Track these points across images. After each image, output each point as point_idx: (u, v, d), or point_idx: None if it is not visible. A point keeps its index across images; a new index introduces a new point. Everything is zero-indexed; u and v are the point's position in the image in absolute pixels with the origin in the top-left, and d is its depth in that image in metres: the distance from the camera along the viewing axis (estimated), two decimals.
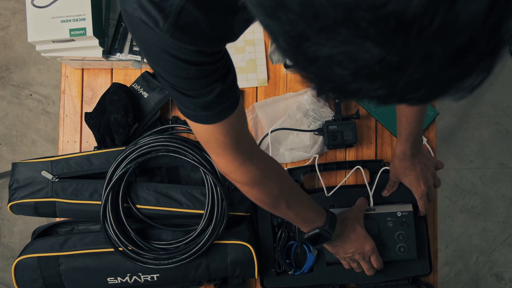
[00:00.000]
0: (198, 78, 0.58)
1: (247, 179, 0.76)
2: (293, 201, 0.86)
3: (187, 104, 0.62)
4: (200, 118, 0.64)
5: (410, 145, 0.94)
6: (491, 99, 2.12)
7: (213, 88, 0.60)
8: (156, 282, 0.98)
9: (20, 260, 0.97)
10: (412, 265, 1.07)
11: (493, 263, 2.06)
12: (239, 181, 0.77)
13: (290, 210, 0.86)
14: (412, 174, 0.98)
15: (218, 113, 0.64)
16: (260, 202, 0.82)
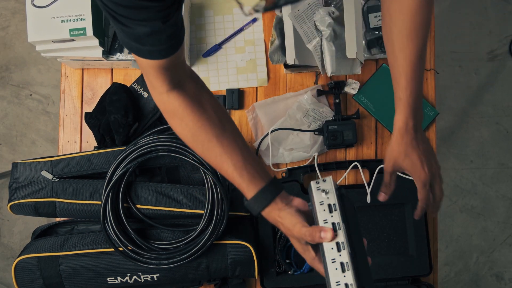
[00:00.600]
0: (135, 8, 0.62)
1: (168, 108, 0.78)
2: (217, 149, 0.76)
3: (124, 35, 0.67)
4: (133, 49, 0.69)
5: (412, 112, 0.81)
6: (491, 99, 2.12)
7: (150, 25, 0.64)
8: (156, 282, 0.98)
9: (20, 260, 0.97)
10: (412, 265, 1.07)
11: (493, 263, 2.06)
12: (161, 109, 0.79)
13: (211, 159, 0.78)
14: (414, 154, 0.83)
15: (151, 51, 0.68)
16: (180, 136, 0.80)
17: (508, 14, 2.15)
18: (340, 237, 0.69)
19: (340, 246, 0.69)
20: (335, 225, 0.70)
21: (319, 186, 0.73)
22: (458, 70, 2.12)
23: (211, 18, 1.16)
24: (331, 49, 1.04)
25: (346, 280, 0.67)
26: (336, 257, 0.68)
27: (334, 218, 0.71)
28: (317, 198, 0.72)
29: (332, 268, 0.68)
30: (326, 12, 1.05)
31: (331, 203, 0.72)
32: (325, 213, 0.71)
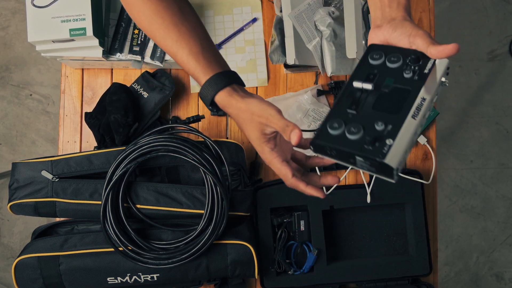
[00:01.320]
0: None
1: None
2: (174, 35, 0.73)
3: None
4: None
5: (397, 8, 0.66)
6: (491, 99, 2.12)
7: None
8: (156, 282, 0.98)
9: (20, 260, 0.97)
10: (412, 265, 1.07)
11: (493, 263, 2.06)
12: (122, 2, 0.76)
13: (168, 46, 0.74)
14: (407, 23, 0.65)
15: None
16: (138, 25, 0.77)
17: (508, 14, 2.15)
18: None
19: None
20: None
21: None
22: (458, 70, 2.12)
23: (211, 18, 1.16)
24: (331, 49, 1.04)
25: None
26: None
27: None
28: None
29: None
30: (326, 12, 1.05)
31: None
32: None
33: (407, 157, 0.57)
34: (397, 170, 0.53)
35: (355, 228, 1.11)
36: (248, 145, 1.13)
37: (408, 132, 0.55)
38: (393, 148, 0.53)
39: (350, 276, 1.07)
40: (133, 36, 1.07)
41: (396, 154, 0.53)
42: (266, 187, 1.07)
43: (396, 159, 0.53)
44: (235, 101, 0.71)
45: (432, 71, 0.62)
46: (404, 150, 0.54)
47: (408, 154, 0.57)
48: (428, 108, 0.59)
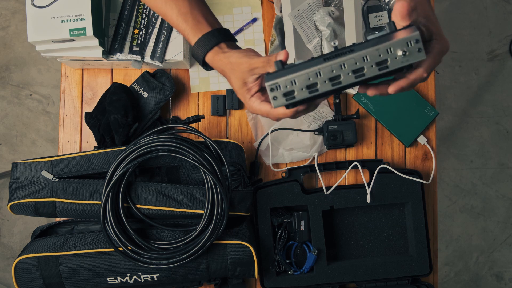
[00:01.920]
0: None
1: None
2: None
3: None
4: None
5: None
6: (491, 99, 2.12)
7: None
8: (156, 282, 0.98)
9: (20, 260, 0.97)
10: (412, 265, 1.07)
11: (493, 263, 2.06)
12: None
13: (157, 7, 0.77)
14: (426, 4, 0.67)
15: None
16: None
17: (508, 14, 2.15)
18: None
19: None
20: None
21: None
22: (458, 70, 2.12)
23: None
24: (331, 49, 1.04)
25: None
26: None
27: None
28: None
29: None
30: (326, 12, 1.05)
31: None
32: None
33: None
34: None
35: (355, 228, 1.11)
36: (248, 145, 1.13)
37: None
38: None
39: (350, 276, 1.07)
40: (133, 36, 1.07)
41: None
42: (266, 187, 1.07)
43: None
44: (218, 58, 0.73)
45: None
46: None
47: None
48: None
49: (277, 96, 0.62)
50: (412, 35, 0.58)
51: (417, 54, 0.59)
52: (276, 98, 0.63)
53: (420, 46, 0.58)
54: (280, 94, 0.62)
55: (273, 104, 0.63)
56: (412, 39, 0.58)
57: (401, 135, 1.12)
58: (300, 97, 0.62)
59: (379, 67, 0.60)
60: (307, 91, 0.62)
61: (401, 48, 0.58)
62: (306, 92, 0.62)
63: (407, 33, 0.59)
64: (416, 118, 1.12)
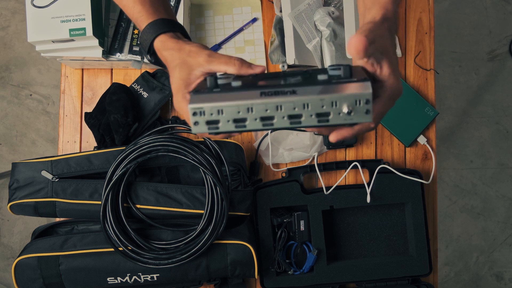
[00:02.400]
0: None
1: None
2: None
3: None
4: None
5: (390, 18, 0.62)
6: (491, 99, 2.12)
7: None
8: (156, 282, 0.98)
9: (20, 260, 0.97)
10: (412, 265, 1.07)
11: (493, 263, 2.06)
12: None
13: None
14: (387, 37, 0.61)
15: None
16: None
17: (508, 14, 2.15)
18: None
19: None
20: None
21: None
22: (458, 70, 2.12)
23: (211, 18, 1.16)
24: (331, 49, 1.04)
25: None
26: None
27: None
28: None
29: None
30: (326, 12, 1.05)
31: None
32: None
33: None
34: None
35: (355, 228, 1.11)
36: (248, 145, 1.13)
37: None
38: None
39: (350, 276, 1.07)
40: (132, 36, 1.07)
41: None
42: (266, 187, 1.07)
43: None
44: (173, 42, 0.67)
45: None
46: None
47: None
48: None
49: (199, 122, 0.54)
50: (363, 93, 0.51)
51: (363, 115, 0.52)
52: (198, 124, 0.54)
53: (369, 107, 0.51)
54: (203, 121, 0.54)
55: (193, 130, 0.54)
56: (362, 97, 0.51)
57: (401, 135, 1.12)
58: (224, 129, 0.54)
59: (318, 119, 0.53)
60: (233, 125, 0.54)
61: (348, 104, 0.51)
62: (232, 126, 0.54)
63: (359, 88, 0.51)
64: (416, 118, 1.12)
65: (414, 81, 1.15)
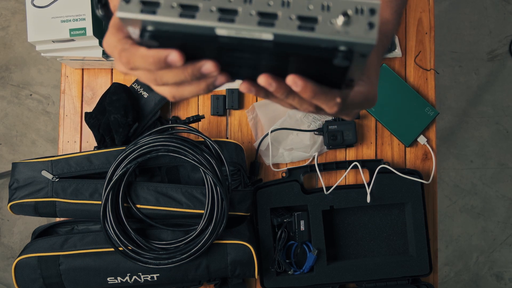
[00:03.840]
0: None
1: None
2: None
3: None
4: None
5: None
6: (491, 99, 2.12)
7: None
8: (156, 282, 0.98)
9: (20, 259, 0.97)
10: (412, 265, 1.07)
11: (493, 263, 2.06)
12: None
13: None
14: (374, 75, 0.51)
15: None
16: None
17: (508, 14, 2.15)
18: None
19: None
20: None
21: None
22: (458, 70, 2.12)
23: None
24: None
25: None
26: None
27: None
28: None
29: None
30: None
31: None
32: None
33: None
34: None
35: (355, 228, 1.11)
36: (248, 145, 1.13)
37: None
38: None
39: (350, 276, 1.07)
40: None
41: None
42: (266, 187, 1.07)
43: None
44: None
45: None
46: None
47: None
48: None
49: (130, 0, 0.38)
50: (372, 1, 0.36)
51: (364, 31, 0.36)
52: (128, 2, 0.38)
53: (375, 21, 0.36)
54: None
55: (119, 11, 0.37)
56: (366, 5, 0.36)
57: (401, 135, 1.12)
58: (163, 19, 0.37)
59: (300, 24, 0.36)
60: (178, 11, 0.37)
61: (345, 10, 0.36)
62: (175, 13, 0.37)
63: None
64: (416, 118, 1.12)
65: (414, 81, 1.15)
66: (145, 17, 0.37)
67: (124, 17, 0.38)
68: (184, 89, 0.44)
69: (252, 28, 0.37)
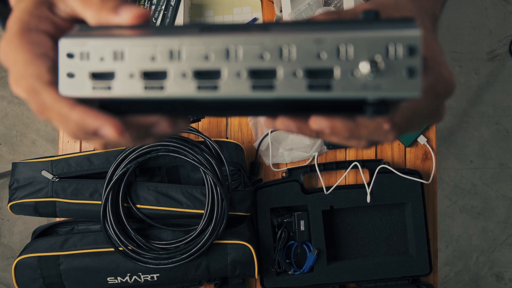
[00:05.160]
0: None
1: None
2: None
3: None
4: None
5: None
6: (491, 99, 2.12)
7: None
8: (156, 282, 0.98)
9: (20, 259, 0.97)
10: (412, 265, 1.07)
11: (493, 263, 2.06)
12: None
13: None
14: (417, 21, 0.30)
15: None
16: None
17: (508, 14, 2.15)
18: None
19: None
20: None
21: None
22: (458, 70, 2.12)
23: (211, 18, 1.16)
24: None
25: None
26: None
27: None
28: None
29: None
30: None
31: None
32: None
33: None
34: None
35: (355, 228, 1.11)
36: (248, 145, 1.13)
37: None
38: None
39: (350, 276, 1.07)
40: None
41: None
42: (266, 187, 1.07)
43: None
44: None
45: None
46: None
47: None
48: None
49: (74, 74, 0.29)
50: (405, 33, 0.26)
51: (401, 82, 0.26)
52: (73, 76, 0.29)
53: (416, 64, 0.26)
54: (84, 71, 0.29)
55: (61, 88, 0.29)
56: (402, 40, 0.26)
57: None
58: (123, 92, 0.28)
59: (309, 82, 0.27)
60: (141, 83, 0.28)
61: (371, 52, 0.26)
62: (138, 86, 0.28)
63: (394, 25, 0.27)
64: None
65: None
66: (98, 94, 0.29)
67: (69, 96, 0.29)
68: (120, 144, 0.33)
69: (244, 95, 0.27)
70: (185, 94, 0.28)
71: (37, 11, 0.32)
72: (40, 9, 0.32)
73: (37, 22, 0.32)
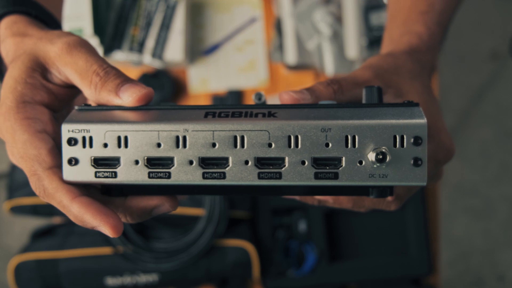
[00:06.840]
0: None
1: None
2: None
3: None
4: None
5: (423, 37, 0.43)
6: (492, 99, 2.11)
7: None
8: (156, 282, 0.98)
9: (19, 260, 0.96)
10: (412, 265, 1.07)
11: (494, 264, 2.06)
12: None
13: None
14: (417, 81, 0.38)
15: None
16: None
17: (510, 13, 2.15)
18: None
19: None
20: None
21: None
22: (460, 70, 2.12)
23: (211, 17, 1.15)
24: (331, 49, 1.04)
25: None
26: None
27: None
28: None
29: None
30: (326, 12, 1.05)
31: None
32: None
33: None
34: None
35: (355, 228, 1.11)
36: None
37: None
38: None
39: (351, 276, 1.06)
40: (132, 37, 1.07)
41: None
42: None
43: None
44: (24, 24, 0.37)
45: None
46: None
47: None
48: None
49: (78, 160, 0.29)
50: (411, 122, 0.27)
51: (407, 172, 0.27)
52: (76, 164, 0.29)
53: (422, 155, 0.27)
54: (86, 157, 0.29)
55: (65, 174, 0.30)
56: (408, 130, 0.26)
57: None
58: (127, 178, 0.29)
59: (316, 171, 0.27)
60: (146, 171, 0.29)
61: (377, 141, 0.26)
62: (143, 172, 0.29)
63: (400, 114, 0.27)
64: None
65: None
66: (102, 180, 0.29)
67: (74, 182, 0.29)
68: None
69: (251, 183, 0.27)
70: (191, 182, 0.28)
71: (30, 79, 0.32)
72: (34, 77, 0.33)
73: (32, 92, 0.32)
